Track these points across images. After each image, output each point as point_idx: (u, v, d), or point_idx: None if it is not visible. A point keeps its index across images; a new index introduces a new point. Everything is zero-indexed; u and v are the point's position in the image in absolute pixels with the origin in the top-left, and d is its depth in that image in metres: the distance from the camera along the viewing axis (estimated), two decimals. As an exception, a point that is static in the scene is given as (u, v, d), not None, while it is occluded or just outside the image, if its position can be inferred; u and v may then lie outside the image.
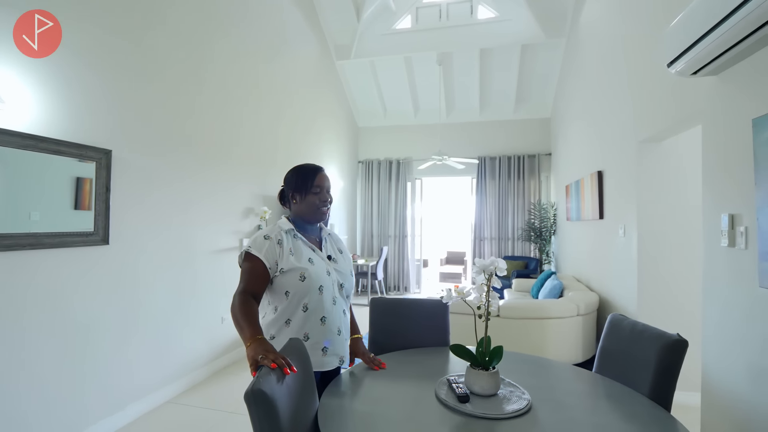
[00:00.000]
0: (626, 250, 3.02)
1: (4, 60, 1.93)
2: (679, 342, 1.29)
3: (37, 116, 2.08)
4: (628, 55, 3.08)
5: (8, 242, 1.96)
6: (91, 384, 2.35)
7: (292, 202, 1.52)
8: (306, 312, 1.39)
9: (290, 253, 1.39)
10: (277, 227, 1.45)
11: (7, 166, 1.96)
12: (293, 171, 1.53)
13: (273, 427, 0.92)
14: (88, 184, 2.37)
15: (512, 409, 1.22)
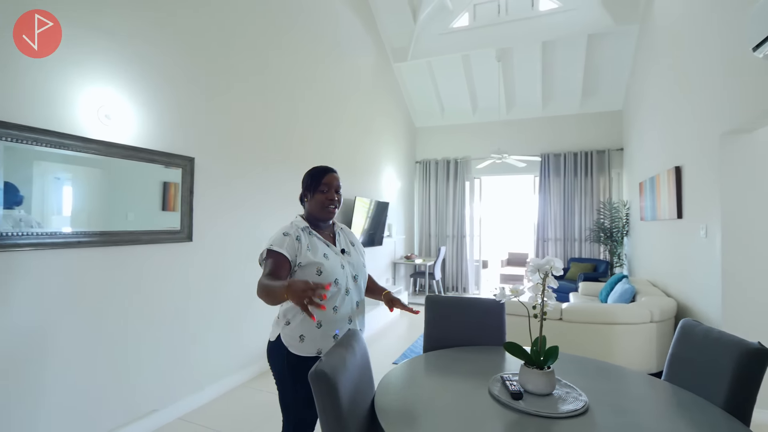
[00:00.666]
0: (708, 252, 2.76)
1: (110, 82, 2.25)
2: (761, 351, 1.18)
3: (136, 130, 2.41)
4: (708, 39, 2.82)
5: (114, 239, 2.29)
6: (176, 365, 2.66)
7: (306, 201, 1.63)
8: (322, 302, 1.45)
9: (307, 249, 1.49)
10: (293, 225, 1.55)
11: (111, 174, 2.29)
12: (307, 172, 1.65)
13: (333, 404, 1.01)
14: (173, 188, 2.67)
15: (567, 410, 1.21)
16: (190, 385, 2.75)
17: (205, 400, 2.85)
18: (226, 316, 3.07)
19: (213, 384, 2.93)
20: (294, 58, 3.95)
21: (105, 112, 2.22)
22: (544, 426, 1.14)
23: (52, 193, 2.03)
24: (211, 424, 2.54)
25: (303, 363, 1.44)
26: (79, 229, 2.12)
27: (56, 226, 2.03)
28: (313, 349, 1.46)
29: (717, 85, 2.67)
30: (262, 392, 3.02)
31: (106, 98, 2.23)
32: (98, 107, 2.19)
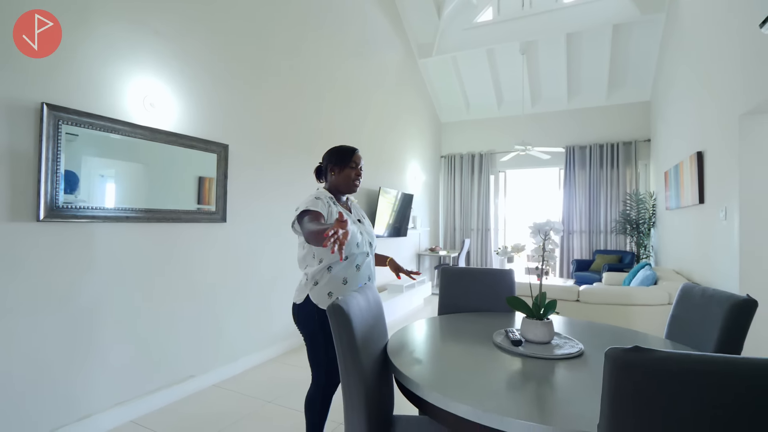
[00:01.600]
0: (727, 234, 2.76)
1: (153, 72, 2.51)
2: (748, 301, 1.26)
3: (177, 117, 2.67)
4: (726, 21, 2.81)
5: (159, 216, 2.55)
6: (212, 337, 2.90)
7: (330, 174, 1.78)
8: (346, 261, 1.67)
9: (335, 214, 1.66)
10: (321, 193, 1.71)
11: (156, 157, 2.55)
12: (334, 149, 1.82)
13: (349, 336, 1.18)
14: (209, 173, 2.92)
15: (562, 353, 1.33)
16: (225, 356, 2.99)
17: (239, 370, 3.08)
18: (259, 292, 3.31)
19: (246, 356, 3.17)
20: (323, 54, 4.17)
21: (150, 101, 2.47)
22: (540, 365, 1.26)
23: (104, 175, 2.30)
24: (242, 390, 2.76)
25: None
26: (126, 206, 2.36)
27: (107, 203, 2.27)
28: None
29: (736, 67, 2.67)
30: (293, 366, 3.23)
31: (150, 88, 2.48)
32: (144, 96, 2.44)
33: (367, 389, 1.20)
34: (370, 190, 5.04)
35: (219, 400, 2.62)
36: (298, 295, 1.72)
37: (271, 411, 2.48)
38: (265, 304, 3.38)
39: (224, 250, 3.01)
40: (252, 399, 2.63)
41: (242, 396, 2.68)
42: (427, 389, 1.07)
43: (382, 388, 1.36)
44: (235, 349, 3.09)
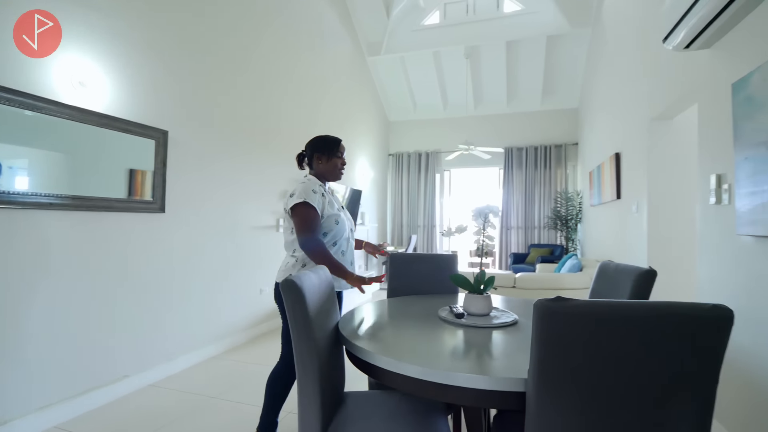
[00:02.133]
0: (638, 225, 3.13)
1: (84, 49, 2.34)
2: (650, 271, 1.48)
3: (111, 99, 2.50)
4: (641, 37, 3.20)
5: (89, 203, 2.37)
6: (148, 334, 2.74)
7: (317, 163, 1.85)
8: (335, 247, 1.80)
9: (328, 204, 1.79)
10: (314, 182, 1.80)
11: (86, 141, 2.37)
12: (321, 138, 1.90)
13: (302, 309, 1.21)
14: (148, 159, 2.77)
15: (500, 322, 1.46)
16: (163, 354, 2.84)
17: (178, 368, 2.94)
18: (202, 288, 3.19)
19: (187, 354, 3.04)
20: (273, 47, 4.11)
21: (79, 79, 2.29)
22: (480, 333, 1.38)
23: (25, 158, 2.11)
24: (183, 388, 2.64)
25: None
26: (50, 192, 2.15)
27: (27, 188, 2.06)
28: None
29: (647, 78, 3.04)
30: (239, 362, 3.15)
31: (81, 66, 2.30)
32: (73, 74, 2.25)
33: (321, 364, 1.24)
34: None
35: (157, 400, 2.49)
36: (281, 275, 1.78)
37: (216, 406, 2.41)
38: (209, 298, 3.27)
39: (164, 242, 2.87)
40: (194, 396, 2.54)
41: (183, 393, 2.57)
42: (379, 356, 1.14)
43: (334, 364, 1.41)
44: (176, 347, 2.96)
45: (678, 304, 0.83)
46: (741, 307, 1.73)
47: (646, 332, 0.82)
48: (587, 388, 0.86)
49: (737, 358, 1.76)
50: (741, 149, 1.69)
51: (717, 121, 1.93)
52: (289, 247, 1.80)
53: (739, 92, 1.69)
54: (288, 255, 1.82)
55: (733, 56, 1.80)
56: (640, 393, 0.84)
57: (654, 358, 0.83)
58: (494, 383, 0.98)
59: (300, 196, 1.70)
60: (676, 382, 0.83)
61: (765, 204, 1.54)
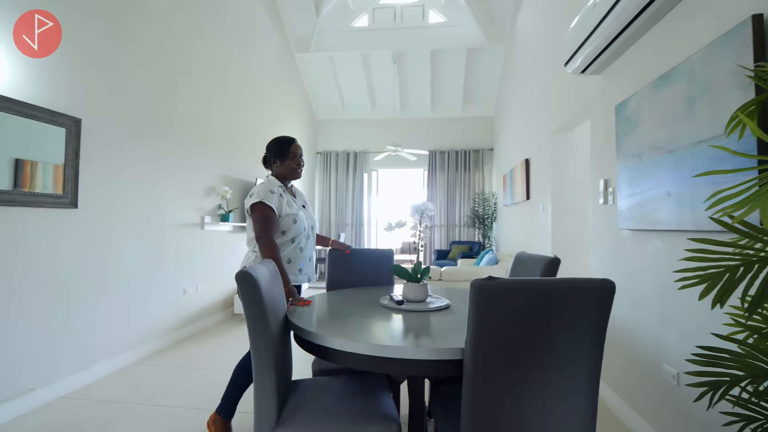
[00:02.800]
0: (544, 222, 3.60)
1: (-10, 28, 2.09)
2: (555, 259, 1.77)
3: (11, 80, 2.23)
4: (547, 59, 3.67)
5: (-19, 197, 2.11)
6: (60, 341, 2.50)
7: (274, 165, 2.00)
8: (293, 244, 1.94)
9: (286, 204, 1.92)
10: (272, 183, 1.91)
11: (-11, 127, 2.11)
12: (274, 141, 2.02)
13: (258, 300, 1.26)
14: (57, 149, 2.52)
15: (435, 306, 1.64)
16: (76, 363, 2.60)
17: (94, 377, 2.71)
18: (119, 291, 2.96)
19: (104, 361, 2.81)
20: (198, 38, 3.92)
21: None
22: (419, 316, 1.55)
23: None
24: (101, 397, 2.45)
25: None
26: None
27: None
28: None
29: (550, 94, 3.51)
30: (164, 367, 2.98)
31: (-16, 44, 2.06)
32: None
33: (275, 353, 1.30)
34: (245, 182, 4.90)
35: (70, 412, 2.27)
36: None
37: (143, 412, 2.28)
38: (128, 300, 3.05)
39: (76, 240, 2.63)
40: (116, 404, 2.37)
41: (102, 403, 2.38)
42: (333, 338, 1.24)
43: (285, 354, 1.47)
44: (90, 354, 2.72)
45: (576, 279, 1.06)
46: (622, 286, 2.13)
47: (553, 300, 1.04)
48: (511, 348, 1.06)
49: (619, 329, 2.16)
50: (621, 159, 2.08)
51: (605, 135, 2.33)
52: (251, 243, 1.91)
53: (620, 113, 2.08)
54: (249, 250, 1.93)
55: (617, 82, 2.20)
56: (549, 350, 1.06)
57: (560, 320, 1.05)
58: (438, 353, 1.14)
59: (258, 196, 1.82)
60: (576, 342, 1.07)
61: (638, 204, 1.93)
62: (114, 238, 2.92)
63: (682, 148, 1.59)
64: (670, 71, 1.67)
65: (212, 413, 1.92)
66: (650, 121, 1.82)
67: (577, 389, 1.10)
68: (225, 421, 1.87)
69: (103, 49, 2.82)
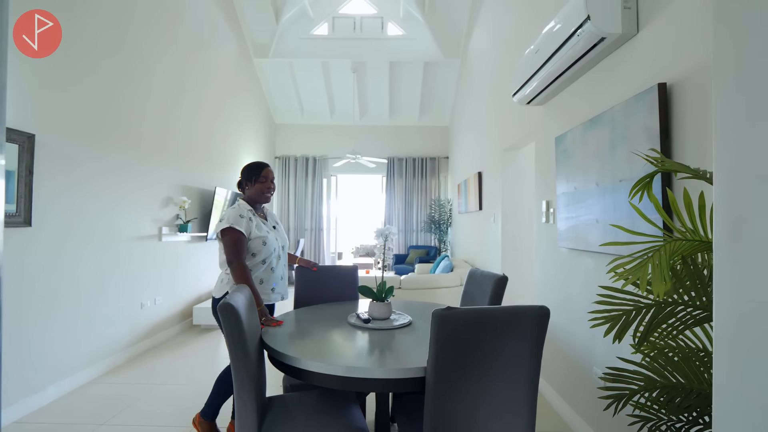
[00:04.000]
0: (495, 233, 3.90)
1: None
2: (502, 277, 2.00)
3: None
4: (497, 79, 3.97)
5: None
6: (10, 363, 2.41)
7: (246, 188, 2.10)
8: (264, 265, 2.03)
9: (255, 227, 2.01)
10: (242, 208, 2.00)
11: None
12: (247, 166, 2.13)
13: (239, 329, 1.37)
14: (9, 166, 2.43)
15: (399, 324, 1.81)
16: (28, 385, 2.52)
17: (48, 399, 2.63)
18: (74, 307, 2.89)
19: (59, 381, 2.73)
20: (154, 44, 3.83)
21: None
22: (385, 334, 1.71)
23: None
24: (60, 420, 2.41)
25: None
26: None
27: None
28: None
29: (501, 114, 3.81)
30: (125, 384, 2.94)
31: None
32: None
33: (253, 375, 1.41)
34: (204, 191, 4.84)
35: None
36: (217, 291, 2.01)
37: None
38: (84, 317, 2.97)
39: (29, 258, 2.54)
40: (76, 426, 2.34)
41: (59, 427, 2.34)
42: (308, 361, 1.37)
43: (261, 374, 1.58)
44: (44, 375, 2.64)
45: (519, 306, 1.27)
46: (561, 299, 2.42)
47: (500, 325, 1.25)
48: (465, 365, 1.24)
49: (558, 335, 2.45)
50: (560, 185, 2.36)
51: (547, 161, 2.62)
52: (223, 265, 1.99)
53: (559, 144, 2.36)
54: (222, 272, 2.02)
55: (558, 116, 2.48)
56: (497, 365, 1.26)
57: (505, 340, 1.25)
58: (403, 372, 1.30)
59: (227, 221, 1.91)
60: (518, 357, 1.27)
61: (573, 227, 2.21)
62: (69, 254, 2.84)
63: (607, 183, 1.86)
64: (599, 116, 1.95)
65: (197, 413, 2.10)
66: (583, 156, 2.10)
67: (519, 395, 1.31)
68: (210, 423, 2.05)
69: (56, 61, 2.73)
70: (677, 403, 0.93)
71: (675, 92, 1.47)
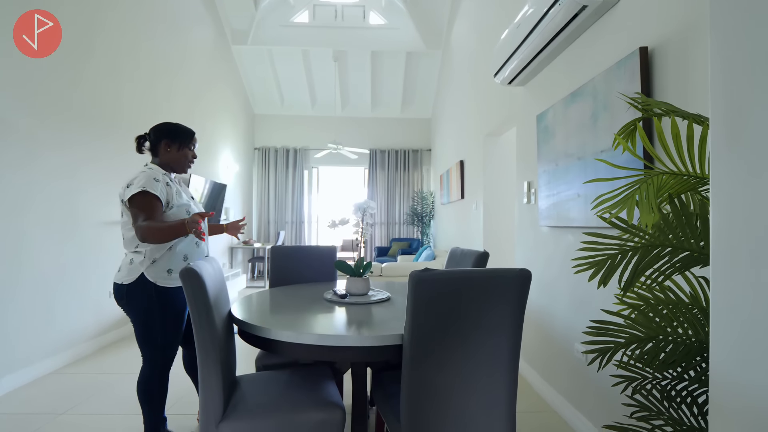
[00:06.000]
0: (477, 220, 3.88)
1: None
2: (483, 253, 1.96)
3: None
4: (479, 67, 3.95)
5: None
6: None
7: (165, 150, 1.73)
8: (186, 238, 1.72)
9: (176, 193, 1.71)
10: (156, 172, 1.67)
11: None
12: (172, 125, 1.78)
13: (204, 297, 1.27)
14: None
15: (377, 299, 1.75)
16: (-20, 375, 2.36)
17: (3, 391, 2.47)
18: (33, 295, 2.71)
19: (14, 372, 2.56)
20: (121, 22, 3.65)
21: None
22: (362, 309, 1.64)
23: None
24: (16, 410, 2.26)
25: (172, 293, 1.65)
26: None
27: None
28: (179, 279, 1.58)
29: (483, 100, 3.78)
30: (86, 375, 2.78)
31: None
32: None
33: (220, 350, 1.32)
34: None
35: (-20, 427, 2.09)
36: (126, 276, 1.63)
37: (68, 422, 2.14)
38: (43, 305, 2.80)
39: (-18, 240, 2.38)
40: (32, 416, 2.19)
41: (14, 416, 2.19)
42: (279, 331, 1.29)
43: (229, 350, 1.49)
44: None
45: (499, 269, 1.22)
46: (541, 277, 2.39)
47: (480, 288, 1.19)
48: (443, 331, 1.19)
49: (539, 316, 2.42)
50: (541, 164, 2.34)
51: (528, 141, 2.59)
52: (130, 244, 1.64)
53: (540, 122, 2.33)
54: (129, 252, 1.65)
55: (538, 95, 2.46)
56: (476, 331, 1.21)
57: (485, 305, 1.20)
58: (379, 340, 1.24)
59: (138, 185, 1.56)
60: (499, 323, 1.22)
61: (554, 204, 2.18)
62: (25, 238, 2.67)
63: (588, 156, 1.84)
64: (580, 88, 1.92)
65: None
66: (564, 132, 2.08)
67: (500, 365, 1.25)
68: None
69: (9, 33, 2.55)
70: (662, 359, 0.89)
71: (656, 56, 1.45)
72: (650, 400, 0.94)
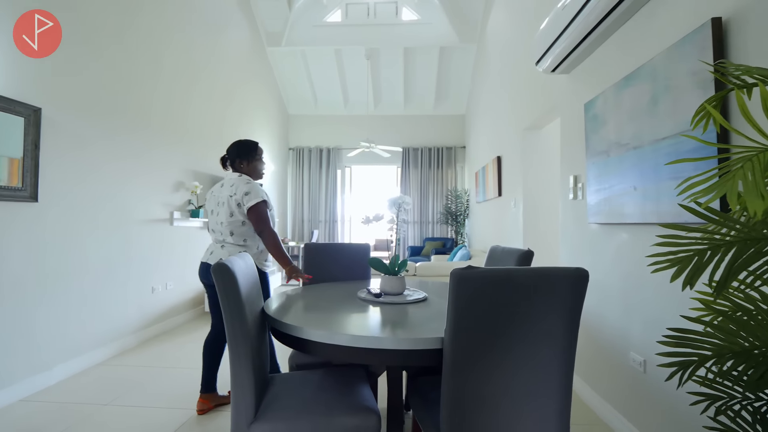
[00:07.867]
0: (516, 218, 3.70)
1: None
2: (529, 252, 1.82)
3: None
4: (517, 58, 3.77)
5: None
6: (16, 341, 2.36)
7: (239, 166, 2.17)
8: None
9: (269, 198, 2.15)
10: (254, 182, 2.11)
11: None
12: (241, 143, 2.20)
13: (235, 292, 1.24)
14: (14, 139, 2.38)
15: (413, 299, 1.66)
16: (35, 364, 2.46)
17: (55, 380, 2.58)
18: (82, 287, 2.82)
19: (65, 362, 2.67)
20: (166, 27, 3.77)
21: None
22: (398, 309, 1.56)
23: None
24: (65, 399, 2.34)
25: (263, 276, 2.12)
26: None
27: None
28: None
29: (520, 93, 3.60)
30: (131, 367, 2.87)
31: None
32: None
33: (252, 347, 1.28)
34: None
35: (31, 415, 2.16)
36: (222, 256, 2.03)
37: (110, 413, 2.19)
38: (93, 298, 2.91)
39: (35, 236, 2.49)
40: (80, 406, 2.26)
41: (65, 405, 2.27)
42: (311, 330, 1.23)
43: (262, 348, 1.45)
44: (51, 355, 2.58)
45: (551, 267, 1.10)
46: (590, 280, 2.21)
47: (530, 288, 1.08)
48: (488, 336, 1.08)
49: (585, 318, 2.25)
50: (590, 156, 2.17)
51: (574, 132, 2.42)
52: (239, 237, 2.06)
53: (588, 111, 2.16)
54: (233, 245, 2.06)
55: (585, 82, 2.28)
56: (525, 337, 1.09)
57: (535, 307, 1.09)
58: (417, 343, 1.15)
59: (257, 195, 2.01)
60: (551, 328, 1.10)
61: (605, 199, 2.01)
62: (77, 233, 2.78)
63: (646, 144, 1.67)
64: (635, 71, 1.75)
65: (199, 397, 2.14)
66: (616, 119, 1.90)
67: (552, 374, 1.13)
68: (210, 394, 2.13)
69: (66, 39, 2.66)
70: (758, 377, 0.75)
71: (731, 28, 1.28)
72: (738, 422, 0.80)
